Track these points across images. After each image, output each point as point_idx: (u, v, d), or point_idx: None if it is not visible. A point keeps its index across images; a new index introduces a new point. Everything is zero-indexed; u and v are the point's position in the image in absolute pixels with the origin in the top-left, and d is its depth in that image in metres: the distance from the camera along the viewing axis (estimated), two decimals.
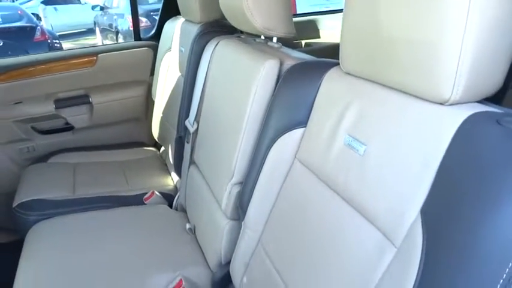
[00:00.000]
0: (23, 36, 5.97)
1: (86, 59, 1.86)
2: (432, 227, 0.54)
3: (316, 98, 0.85)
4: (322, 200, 0.76)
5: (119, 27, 7.21)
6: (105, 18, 7.95)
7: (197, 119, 1.32)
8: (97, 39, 8.39)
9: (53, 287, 1.04)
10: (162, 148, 1.89)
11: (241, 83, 1.04)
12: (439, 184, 0.55)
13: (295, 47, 2.23)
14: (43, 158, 1.76)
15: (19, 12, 6.41)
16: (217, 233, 1.06)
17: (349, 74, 0.78)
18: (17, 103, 1.77)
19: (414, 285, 0.52)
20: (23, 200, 1.41)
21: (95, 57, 1.87)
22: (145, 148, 1.93)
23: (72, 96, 1.86)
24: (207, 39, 1.34)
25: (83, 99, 1.87)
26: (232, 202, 1.03)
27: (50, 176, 1.57)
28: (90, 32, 8.76)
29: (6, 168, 1.80)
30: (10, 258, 1.13)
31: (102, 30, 8.15)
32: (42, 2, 8.30)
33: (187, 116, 1.38)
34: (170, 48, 1.73)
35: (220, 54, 1.24)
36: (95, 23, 8.55)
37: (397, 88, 0.66)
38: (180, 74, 1.60)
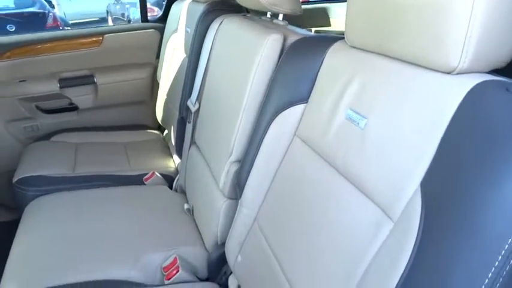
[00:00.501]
0: (35, 21, 6.00)
1: (92, 39, 1.85)
2: (431, 200, 0.51)
3: (319, 73, 0.83)
4: (320, 177, 0.74)
5: (131, 17, 7.22)
6: (117, 7, 7.96)
7: (199, 98, 1.29)
8: None
9: (46, 257, 1.03)
10: (166, 131, 1.87)
11: (243, 59, 1.02)
12: (441, 156, 0.52)
13: None
14: (46, 137, 1.75)
15: None
16: (214, 212, 1.04)
17: (354, 47, 0.75)
18: (21, 81, 1.77)
19: (409, 259, 0.50)
20: (23, 176, 1.41)
21: (101, 38, 1.85)
22: (149, 131, 1.91)
23: (77, 76, 1.85)
24: (212, 18, 1.32)
25: (87, 79, 1.86)
26: (230, 181, 1.01)
27: (50, 154, 1.56)
28: (102, 21, 8.77)
29: (9, 146, 1.80)
30: (11, 236, 1.12)
31: (115, 20, 8.16)
32: None
33: (189, 96, 1.35)
34: (176, 29, 1.71)
35: (224, 32, 1.21)
36: (107, 12, 8.56)
37: (402, 59, 0.63)
38: (185, 55, 1.57)
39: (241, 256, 0.93)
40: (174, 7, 1.80)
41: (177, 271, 1.00)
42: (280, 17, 1.08)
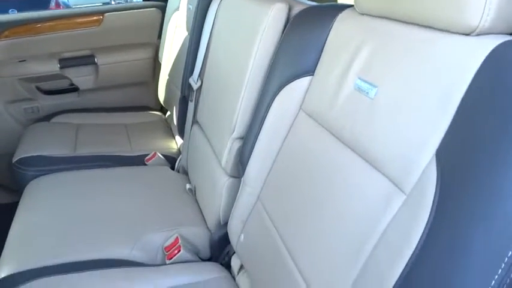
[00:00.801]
0: (38, 5, 5.92)
1: (92, 18, 1.80)
2: (447, 171, 0.47)
3: (326, 43, 0.78)
4: (326, 151, 0.70)
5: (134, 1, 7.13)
6: None
7: (201, 76, 1.25)
8: None
9: (46, 236, 1.01)
10: (168, 113, 1.84)
11: (245, 32, 0.97)
12: (458, 124, 0.48)
13: None
14: (46, 118, 1.72)
15: None
16: (217, 191, 1.01)
17: (364, 14, 0.71)
18: (21, 61, 1.73)
19: (422, 233, 0.46)
20: (22, 156, 1.38)
21: (101, 17, 1.81)
22: (151, 112, 1.88)
23: (77, 56, 1.81)
24: None
25: (88, 60, 1.82)
26: (233, 158, 0.98)
27: (51, 134, 1.54)
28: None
29: (10, 127, 1.77)
30: (11, 218, 1.10)
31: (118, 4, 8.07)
32: None
33: (191, 74, 1.31)
34: (178, 7, 1.66)
35: (226, 6, 1.16)
36: None
37: (416, 22, 0.58)
38: (187, 33, 1.53)
39: (244, 235, 0.90)
40: None
41: (179, 251, 0.97)
42: None
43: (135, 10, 1.86)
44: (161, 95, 1.81)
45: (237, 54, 1.00)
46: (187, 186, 1.23)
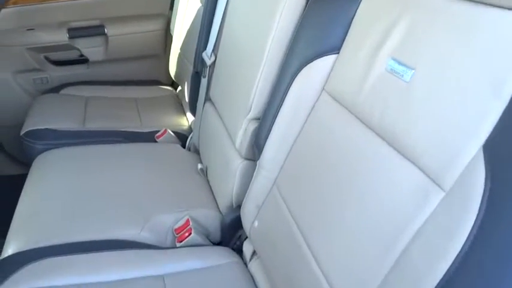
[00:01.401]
0: None
1: None
2: (497, 167, 0.42)
3: (355, 17, 0.72)
4: (352, 137, 0.65)
5: None
6: None
7: (215, 50, 1.19)
8: None
9: (53, 214, 0.98)
10: (179, 88, 1.78)
11: (265, 4, 0.90)
12: (511, 114, 0.42)
13: None
14: (55, 89, 1.68)
15: None
16: (230, 173, 0.97)
17: None
18: (29, 29, 1.68)
19: (469, 236, 0.41)
20: (31, 129, 1.35)
21: None
22: (162, 87, 1.82)
23: (86, 26, 1.74)
24: None
25: (97, 30, 1.76)
26: (248, 140, 0.92)
27: (60, 107, 1.50)
28: None
29: (19, 98, 1.73)
30: (19, 190, 1.08)
31: None
32: None
33: (205, 48, 1.25)
34: None
35: None
36: None
37: None
38: (200, 4, 1.45)
39: (258, 221, 0.86)
40: None
41: (189, 234, 0.94)
42: None
43: None
44: (172, 70, 1.75)
45: (256, 28, 0.93)
46: (199, 166, 1.19)
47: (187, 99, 1.48)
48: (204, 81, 1.26)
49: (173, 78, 1.78)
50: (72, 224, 0.96)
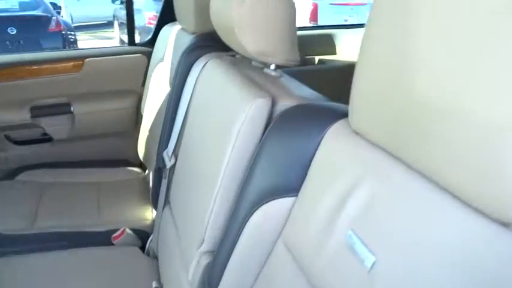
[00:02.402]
0: (38, 25, 5.85)
1: (71, 64, 1.65)
2: None
3: (314, 160, 0.61)
4: None
5: (136, 23, 7.05)
6: (123, 12, 7.81)
7: (175, 152, 1.09)
8: (115, 33, 8.29)
9: None
10: (148, 170, 1.67)
11: (223, 120, 0.81)
12: None
13: (307, 63, 1.98)
14: (11, 174, 1.55)
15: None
16: None
17: (359, 134, 0.55)
18: None
19: None
20: None
21: (81, 62, 1.66)
22: (129, 168, 1.71)
23: (51, 104, 1.65)
24: (197, 55, 1.11)
25: (62, 109, 1.66)
26: (200, 274, 0.80)
27: (11, 201, 1.37)
28: (109, 24, 8.67)
29: None
30: None
31: (121, 24, 8.02)
32: None
33: (166, 146, 1.15)
34: (163, 58, 1.51)
35: (207, 77, 1.01)
36: (114, 17, 8.43)
37: (432, 178, 0.42)
38: (170, 89, 1.37)
39: None
40: (163, 31, 1.60)
41: None
42: (272, 66, 0.88)
43: (119, 56, 1.72)
44: (141, 151, 1.64)
45: (213, 143, 0.84)
46: (154, 284, 1.05)
47: (150, 191, 1.36)
48: (164, 182, 1.15)
49: (141, 159, 1.67)
50: None
